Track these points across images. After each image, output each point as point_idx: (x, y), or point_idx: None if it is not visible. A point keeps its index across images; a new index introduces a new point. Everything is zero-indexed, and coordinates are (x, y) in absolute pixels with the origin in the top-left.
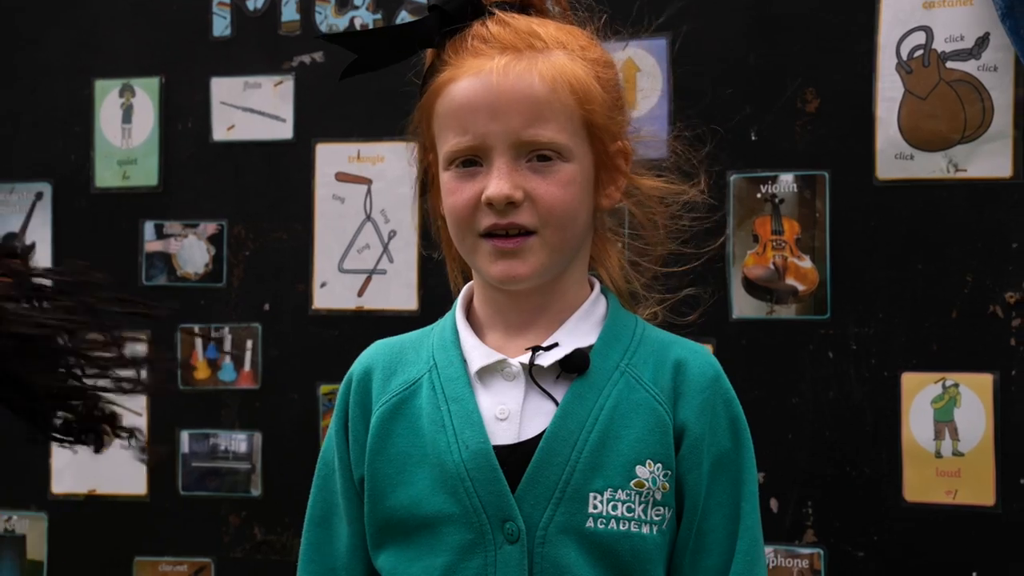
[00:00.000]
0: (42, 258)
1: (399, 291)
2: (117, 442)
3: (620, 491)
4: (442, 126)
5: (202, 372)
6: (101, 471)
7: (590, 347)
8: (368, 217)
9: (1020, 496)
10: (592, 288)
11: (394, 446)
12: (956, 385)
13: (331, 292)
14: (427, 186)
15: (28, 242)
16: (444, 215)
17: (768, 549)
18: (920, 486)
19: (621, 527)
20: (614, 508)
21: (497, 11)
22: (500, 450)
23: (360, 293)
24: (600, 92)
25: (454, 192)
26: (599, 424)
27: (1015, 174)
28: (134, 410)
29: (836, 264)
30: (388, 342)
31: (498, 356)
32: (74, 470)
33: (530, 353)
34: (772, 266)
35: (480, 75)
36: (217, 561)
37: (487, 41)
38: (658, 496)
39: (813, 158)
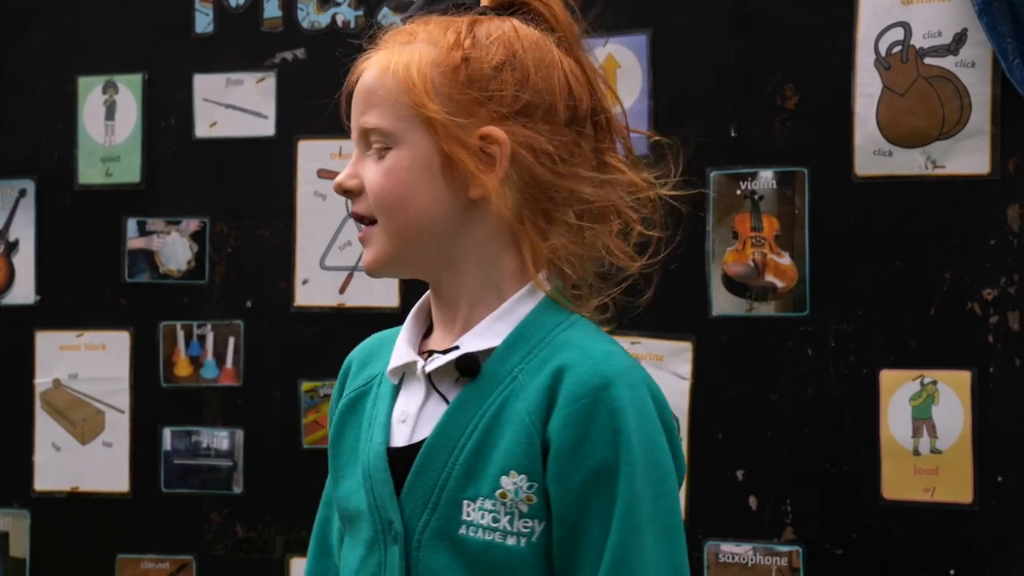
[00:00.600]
0: (25, 255)
1: (380, 288)
2: (99, 439)
3: (487, 500)
4: None
5: (184, 369)
6: (83, 468)
7: (491, 350)
8: (350, 214)
9: (998, 493)
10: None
11: (345, 440)
12: (934, 382)
13: (313, 289)
14: None
15: (11, 239)
16: None
17: (747, 547)
18: (898, 484)
19: (487, 537)
20: (482, 517)
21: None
22: (394, 452)
23: (342, 290)
24: (432, 78)
25: None
26: (478, 431)
27: (993, 171)
28: (117, 407)
29: (815, 261)
30: (377, 335)
31: (409, 358)
32: (56, 467)
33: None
34: (751, 263)
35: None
36: (199, 558)
37: (376, 44)
38: (523, 508)
39: (792, 154)
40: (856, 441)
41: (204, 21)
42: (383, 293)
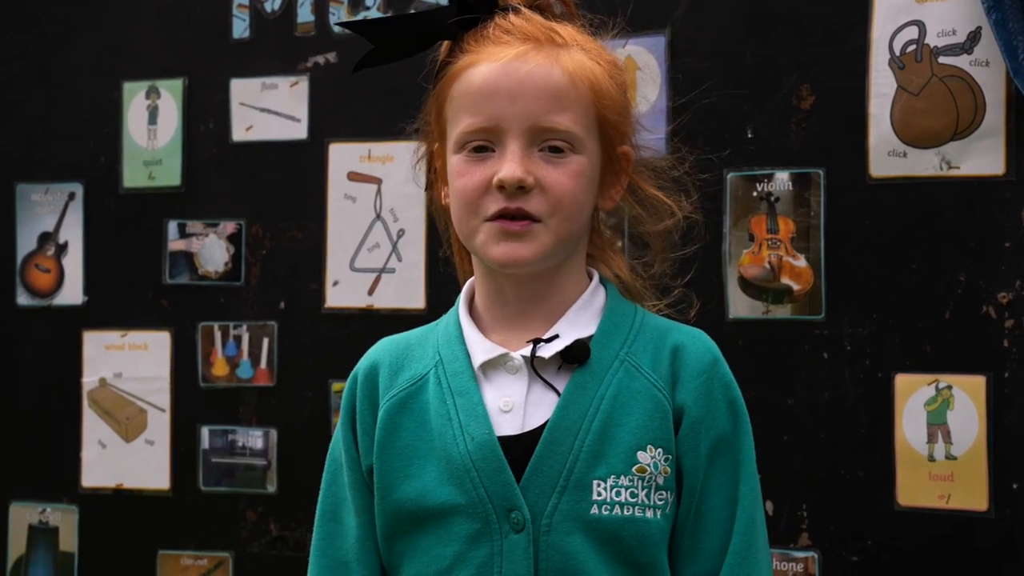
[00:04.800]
0: (74, 257)
1: (407, 290)
2: (142, 437)
3: (623, 477)
4: (457, 109)
5: (221, 369)
6: (127, 465)
7: (590, 337)
8: (378, 216)
9: (1013, 501)
10: (591, 280)
11: (401, 439)
12: (949, 387)
13: (343, 290)
14: (431, 180)
15: (61, 241)
16: (448, 204)
17: None
18: (913, 490)
19: (625, 512)
20: (617, 494)
21: (521, 7)
22: (505, 441)
23: (370, 292)
24: (613, 93)
25: (463, 175)
26: (600, 413)
27: (1008, 171)
28: (159, 406)
29: (831, 264)
30: (394, 339)
31: (500, 350)
32: (102, 464)
33: (531, 345)
34: (767, 265)
35: (501, 61)
36: (235, 556)
37: (509, 32)
38: (660, 480)
39: (808, 156)
40: (871, 446)
41: (241, 26)
42: (410, 295)
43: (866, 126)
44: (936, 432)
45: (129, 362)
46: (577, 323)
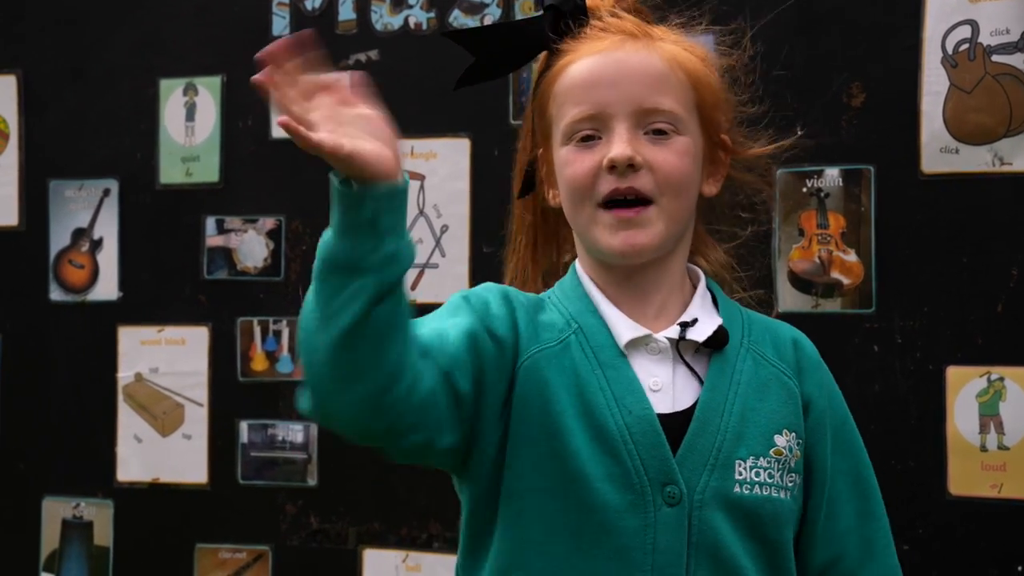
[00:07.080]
0: (109, 253)
1: (450, 285)
2: (179, 432)
3: (762, 459)
4: (562, 103)
5: (260, 364)
6: (164, 460)
7: (719, 325)
8: (421, 212)
9: None
10: (696, 273)
11: (553, 394)
12: (1001, 379)
13: None
14: (530, 184)
15: (96, 237)
16: (558, 204)
17: None
18: (965, 480)
19: (764, 492)
20: (757, 475)
21: (616, 9)
22: (662, 418)
23: (413, 286)
24: (710, 81)
25: (573, 163)
26: (739, 397)
27: None
28: (196, 400)
29: (881, 258)
30: (513, 290)
31: (644, 331)
32: (138, 459)
33: (677, 328)
34: (817, 260)
35: (601, 53)
36: (274, 549)
37: (605, 29)
38: (792, 463)
39: (859, 152)
40: (923, 437)
41: (281, 24)
42: (453, 290)
43: (918, 123)
44: (988, 423)
45: (166, 357)
46: (704, 310)
